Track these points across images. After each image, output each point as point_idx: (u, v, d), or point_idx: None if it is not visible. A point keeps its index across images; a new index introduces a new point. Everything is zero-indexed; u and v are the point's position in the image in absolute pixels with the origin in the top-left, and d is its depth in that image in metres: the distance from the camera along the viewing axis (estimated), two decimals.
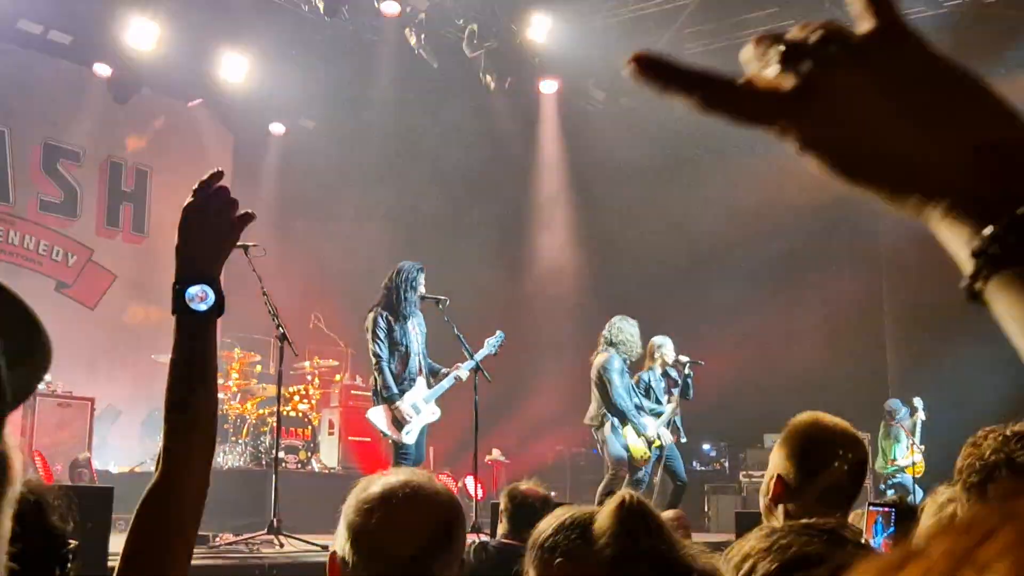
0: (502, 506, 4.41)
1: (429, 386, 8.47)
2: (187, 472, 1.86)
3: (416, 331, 8.45)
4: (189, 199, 2.02)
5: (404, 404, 8.25)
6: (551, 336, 14.84)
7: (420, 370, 8.45)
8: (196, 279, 1.94)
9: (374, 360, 8.33)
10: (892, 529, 2.73)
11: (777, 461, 2.72)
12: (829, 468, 2.64)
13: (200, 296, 1.94)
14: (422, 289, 8.46)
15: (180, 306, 1.92)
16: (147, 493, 1.85)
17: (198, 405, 1.90)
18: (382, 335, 8.27)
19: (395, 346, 8.31)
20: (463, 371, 8.48)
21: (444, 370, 8.59)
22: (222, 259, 2.00)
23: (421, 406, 8.34)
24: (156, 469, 1.86)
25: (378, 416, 8.37)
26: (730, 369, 13.80)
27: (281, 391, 8.34)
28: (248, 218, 2.02)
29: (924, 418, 11.97)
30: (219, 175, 2.04)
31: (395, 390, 8.24)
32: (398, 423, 8.24)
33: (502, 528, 4.34)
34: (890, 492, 11.93)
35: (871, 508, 2.79)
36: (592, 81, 14.30)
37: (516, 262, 15.76)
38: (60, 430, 10.69)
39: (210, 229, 2.01)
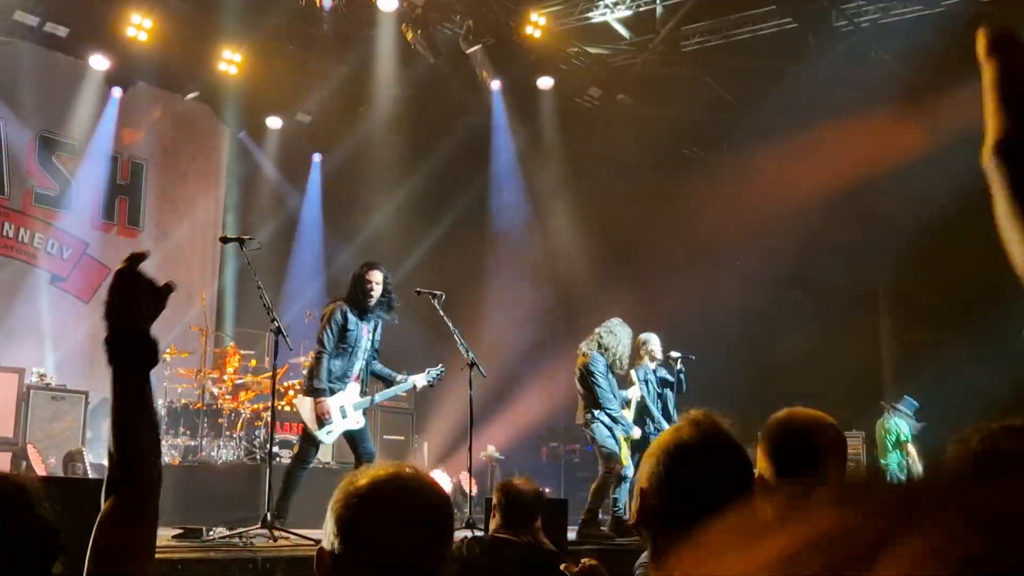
0: (495, 501, 4.42)
1: (362, 394, 8.38)
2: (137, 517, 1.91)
3: (368, 335, 8.34)
4: (120, 265, 2.05)
5: (330, 403, 8.09)
6: (545, 334, 14.84)
7: (358, 375, 8.32)
8: (132, 333, 2.01)
9: (316, 348, 8.22)
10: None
11: (759, 463, 2.71)
12: (806, 467, 2.62)
13: None
14: (378, 288, 8.29)
15: (119, 358, 2.01)
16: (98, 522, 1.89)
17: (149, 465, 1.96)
18: (334, 328, 8.14)
19: (342, 343, 8.18)
20: (420, 379, 8.51)
21: (400, 377, 8.51)
22: (152, 320, 2.06)
23: (348, 411, 8.23)
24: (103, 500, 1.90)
25: (304, 407, 8.24)
26: (725, 363, 13.82)
27: (275, 385, 8.34)
28: (170, 288, 2.08)
29: (916, 422, 11.94)
30: (143, 255, 2.07)
31: (324, 385, 8.08)
32: (320, 420, 8.09)
33: (495, 523, 4.35)
34: None
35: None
36: (589, 78, 14.32)
37: (511, 258, 15.76)
38: (54, 423, 10.69)
39: (142, 291, 2.05)
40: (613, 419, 9.10)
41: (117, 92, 13.01)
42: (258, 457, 10.43)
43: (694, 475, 2.14)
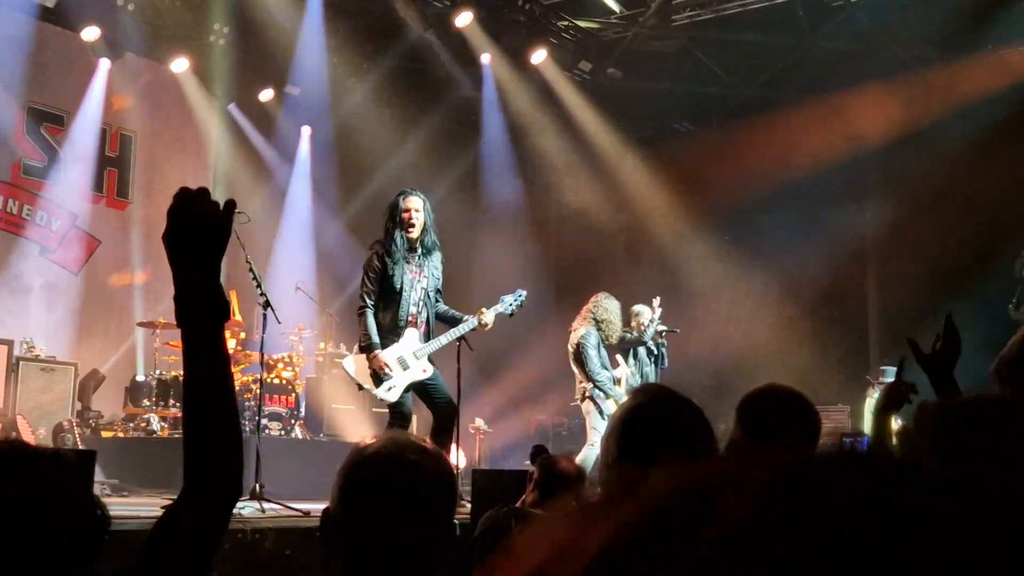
0: (535, 476, 4.41)
1: (425, 339, 7.55)
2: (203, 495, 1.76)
3: (420, 275, 7.48)
4: (172, 202, 1.89)
5: (385, 355, 7.34)
6: (534, 308, 14.87)
7: (415, 320, 7.48)
8: (198, 285, 1.81)
9: (359, 304, 7.56)
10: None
11: (733, 432, 2.78)
12: (776, 436, 2.68)
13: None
14: (419, 216, 7.44)
15: (186, 318, 1.80)
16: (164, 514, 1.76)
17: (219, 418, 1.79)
18: (372, 278, 7.42)
19: (386, 293, 7.41)
20: (488, 315, 7.70)
21: (466, 317, 7.69)
22: (220, 254, 1.86)
23: (409, 360, 7.43)
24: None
25: (352, 366, 7.61)
26: (710, 342, 13.88)
27: (264, 358, 8.35)
28: (232, 204, 1.93)
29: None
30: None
31: (375, 339, 7.34)
32: (377, 376, 7.39)
33: (532, 497, 4.34)
34: None
35: (845, 441, 2.88)
36: (579, 52, 14.29)
37: (500, 231, 15.76)
38: (43, 394, 10.70)
39: (200, 224, 1.88)
40: (605, 394, 9.18)
41: (106, 63, 12.96)
42: (247, 429, 10.46)
43: (647, 431, 2.19)
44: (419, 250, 7.49)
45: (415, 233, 7.42)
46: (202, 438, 1.76)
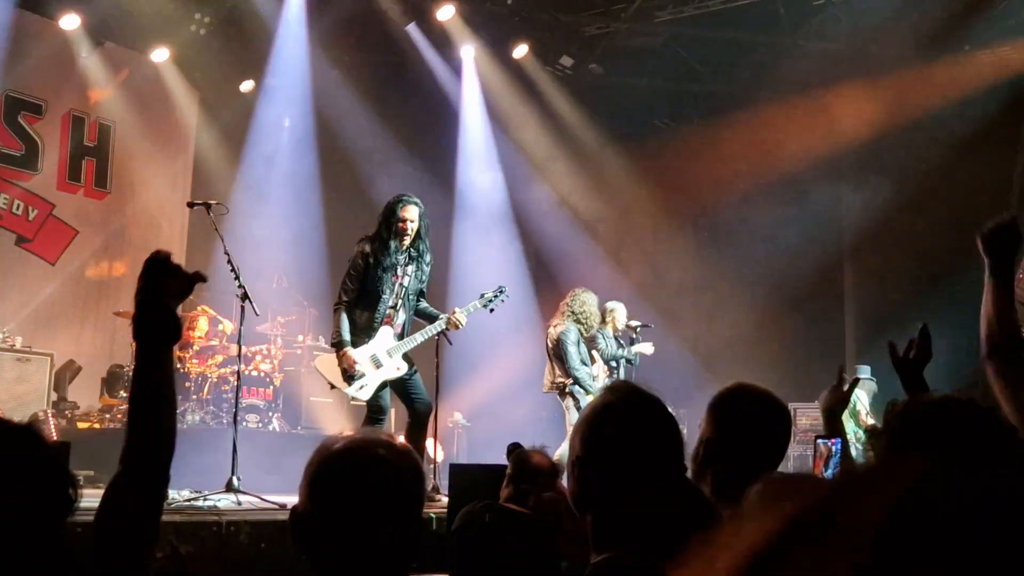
0: (508, 471, 4.42)
1: (402, 338, 7.58)
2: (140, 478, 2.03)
3: (401, 278, 7.52)
4: (153, 254, 2.16)
5: (357, 353, 7.39)
6: (513, 302, 14.87)
7: (390, 320, 7.52)
8: (154, 307, 2.09)
9: (335, 300, 7.61)
10: (838, 459, 2.86)
11: (704, 427, 2.81)
12: (751, 431, 2.72)
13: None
14: (413, 226, 7.45)
15: (140, 336, 2.07)
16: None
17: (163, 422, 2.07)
18: (354, 275, 7.47)
19: (367, 291, 7.46)
20: (459, 315, 7.68)
21: (440, 316, 7.70)
22: (177, 300, 2.14)
23: (383, 358, 7.46)
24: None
25: (325, 364, 7.67)
26: (688, 337, 13.93)
27: (242, 350, 8.33)
28: (200, 277, 2.20)
29: (876, 390, 12.07)
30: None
31: (344, 337, 7.39)
32: (349, 375, 7.41)
33: (507, 492, 4.36)
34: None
35: (819, 442, 2.92)
36: (561, 48, 14.29)
37: (479, 226, 15.75)
38: (18, 384, 10.63)
39: (171, 274, 2.13)
40: (585, 389, 9.20)
41: (85, 52, 12.87)
42: (224, 421, 10.43)
43: (615, 428, 2.21)
44: (407, 255, 7.54)
45: (407, 242, 7.49)
46: (139, 432, 2.03)
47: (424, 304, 7.78)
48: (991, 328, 2.78)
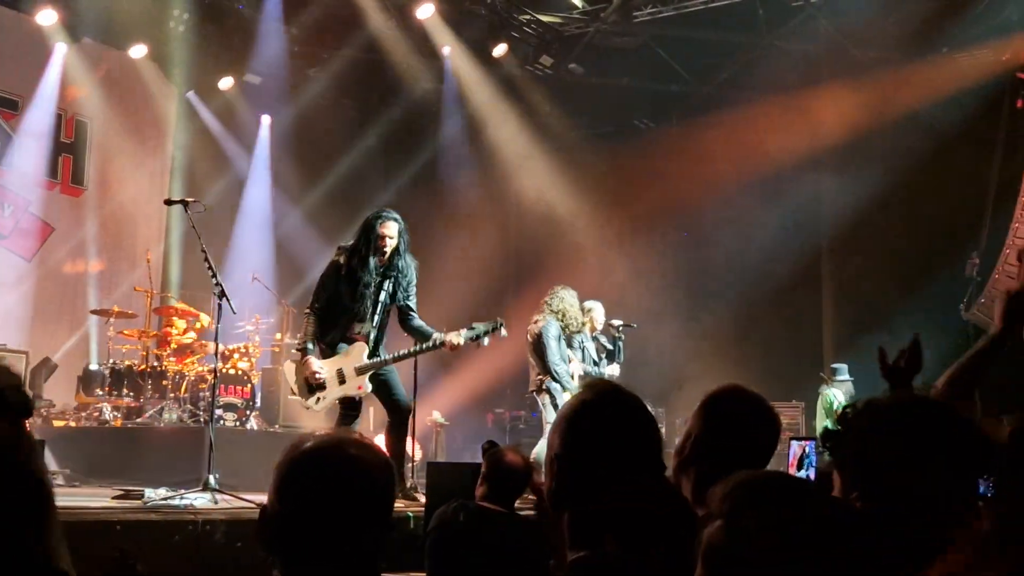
0: (483, 470, 4.42)
1: (372, 355, 7.34)
2: None
3: (377, 295, 7.34)
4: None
5: (324, 365, 7.25)
6: (493, 300, 14.89)
7: (363, 336, 7.34)
8: None
9: (307, 305, 7.46)
10: (814, 459, 2.88)
11: (692, 424, 2.82)
12: (739, 433, 2.73)
13: None
14: (392, 243, 7.27)
15: None
16: None
17: None
18: (327, 285, 7.32)
19: (338, 303, 7.29)
20: (454, 336, 7.35)
21: (435, 336, 7.37)
22: None
23: (348, 375, 7.28)
24: None
25: (290, 372, 7.49)
26: (667, 335, 13.96)
27: (219, 348, 8.29)
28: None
29: (852, 391, 12.11)
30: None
31: (309, 345, 7.23)
32: (309, 385, 7.26)
33: (481, 491, 4.35)
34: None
35: (793, 443, 2.93)
36: (541, 46, 14.31)
37: (459, 223, 15.75)
38: None
39: None
40: (562, 386, 9.19)
41: (62, 48, 12.80)
42: (201, 420, 10.38)
43: (592, 427, 2.22)
44: (383, 270, 7.38)
45: (384, 258, 7.34)
46: None
47: (417, 322, 7.56)
48: (958, 377, 2.77)
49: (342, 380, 7.29)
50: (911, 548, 1.72)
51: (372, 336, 7.38)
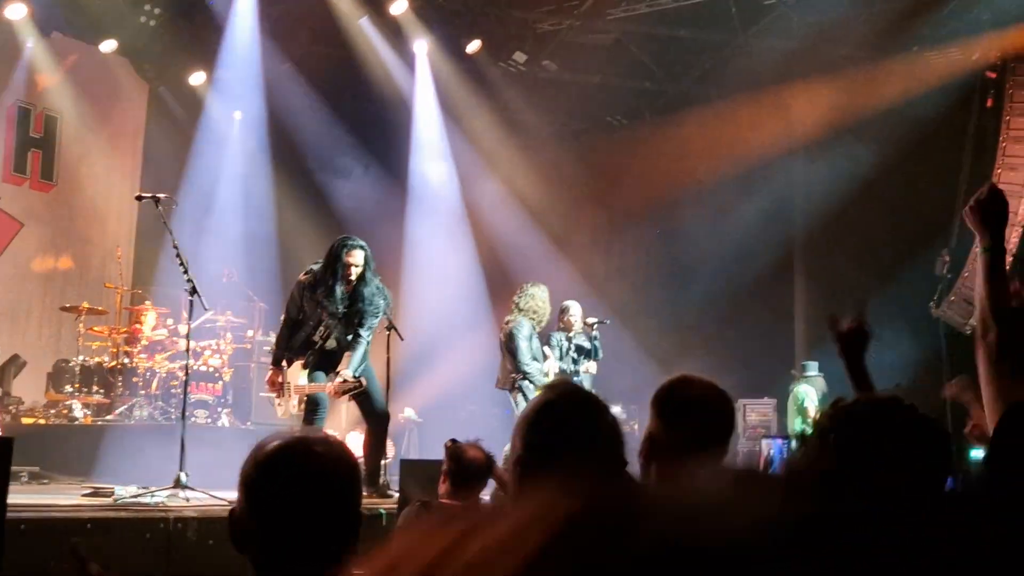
0: (444, 466, 4.42)
1: (332, 367, 7.80)
2: None
3: (339, 321, 7.63)
4: None
5: (285, 374, 7.78)
6: (466, 297, 14.87)
7: (326, 359, 7.81)
8: None
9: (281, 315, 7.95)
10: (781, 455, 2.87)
11: (649, 422, 2.83)
12: (692, 421, 2.74)
13: None
14: (357, 271, 7.49)
15: None
16: None
17: None
18: (292, 308, 7.72)
19: (302, 325, 7.69)
20: (347, 373, 7.58)
21: (342, 372, 7.67)
22: None
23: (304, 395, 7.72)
24: None
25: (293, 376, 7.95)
26: (640, 331, 13.98)
27: (191, 345, 8.24)
28: None
29: (825, 388, 12.13)
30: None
31: (276, 353, 7.82)
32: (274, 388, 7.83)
33: (444, 487, 4.35)
34: None
35: (763, 442, 2.93)
36: (514, 43, 14.29)
37: (432, 222, 15.72)
38: None
39: None
40: (534, 385, 9.20)
41: (32, 42, 12.67)
42: (173, 417, 10.32)
43: (553, 427, 2.23)
44: (349, 295, 7.60)
45: (348, 285, 7.55)
46: None
47: (361, 338, 7.69)
48: (983, 306, 2.73)
49: (300, 400, 7.73)
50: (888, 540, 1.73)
51: (335, 357, 7.78)
